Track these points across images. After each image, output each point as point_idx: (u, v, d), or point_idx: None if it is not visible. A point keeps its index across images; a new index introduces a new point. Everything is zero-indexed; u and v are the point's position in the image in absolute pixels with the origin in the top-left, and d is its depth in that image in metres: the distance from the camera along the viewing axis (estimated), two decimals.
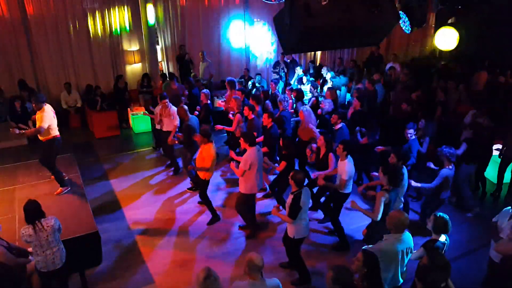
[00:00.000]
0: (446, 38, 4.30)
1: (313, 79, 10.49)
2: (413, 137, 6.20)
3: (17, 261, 4.13)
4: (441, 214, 3.97)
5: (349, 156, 5.37)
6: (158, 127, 7.86)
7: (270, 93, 9.05)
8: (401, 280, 3.91)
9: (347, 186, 5.44)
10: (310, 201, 4.99)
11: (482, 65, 10.81)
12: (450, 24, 4.38)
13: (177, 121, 7.38)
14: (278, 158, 6.99)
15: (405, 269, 3.94)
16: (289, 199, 4.58)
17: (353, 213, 5.79)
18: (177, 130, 7.42)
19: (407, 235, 3.87)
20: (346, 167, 5.32)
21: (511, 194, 7.09)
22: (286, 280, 4.98)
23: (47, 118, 5.49)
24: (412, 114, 7.51)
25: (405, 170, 5.30)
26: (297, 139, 7.34)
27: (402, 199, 5.29)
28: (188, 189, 7.26)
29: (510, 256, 4.02)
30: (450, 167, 5.56)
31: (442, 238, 3.92)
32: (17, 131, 5.61)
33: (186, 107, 7.11)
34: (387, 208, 4.51)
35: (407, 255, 3.87)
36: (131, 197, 7.01)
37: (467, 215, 6.49)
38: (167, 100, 7.41)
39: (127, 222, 6.29)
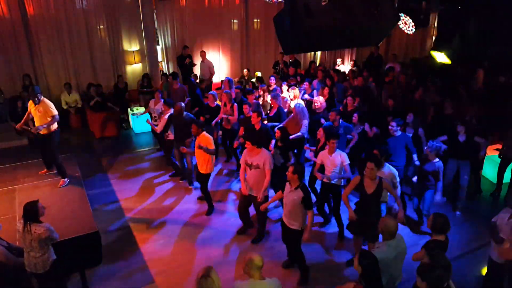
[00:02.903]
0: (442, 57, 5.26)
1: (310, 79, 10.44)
2: (399, 132, 6.19)
3: (17, 261, 4.12)
4: (440, 213, 3.96)
5: (337, 149, 5.49)
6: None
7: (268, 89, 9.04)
8: (397, 284, 3.89)
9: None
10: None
11: (481, 65, 10.80)
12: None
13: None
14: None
15: (400, 272, 3.91)
16: (297, 194, 4.53)
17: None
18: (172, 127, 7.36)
19: (400, 239, 3.87)
20: (335, 160, 5.43)
21: (510, 194, 7.09)
22: (287, 279, 4.98)
23: (53, 107, 5.45)
24: (398, 110, 7.49)
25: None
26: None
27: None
28: (170, 175, 7.69)
29: None
30: (436, 160, 5.60)
31: (442, 237, 3.90)
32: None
33: (182, 104, 7.03)
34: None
35: (401, 259, 3.85)
36: (131, 197, 7.02)
37: (456, 213, 6.50)
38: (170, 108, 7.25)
39: (127, 222, 6.29)
